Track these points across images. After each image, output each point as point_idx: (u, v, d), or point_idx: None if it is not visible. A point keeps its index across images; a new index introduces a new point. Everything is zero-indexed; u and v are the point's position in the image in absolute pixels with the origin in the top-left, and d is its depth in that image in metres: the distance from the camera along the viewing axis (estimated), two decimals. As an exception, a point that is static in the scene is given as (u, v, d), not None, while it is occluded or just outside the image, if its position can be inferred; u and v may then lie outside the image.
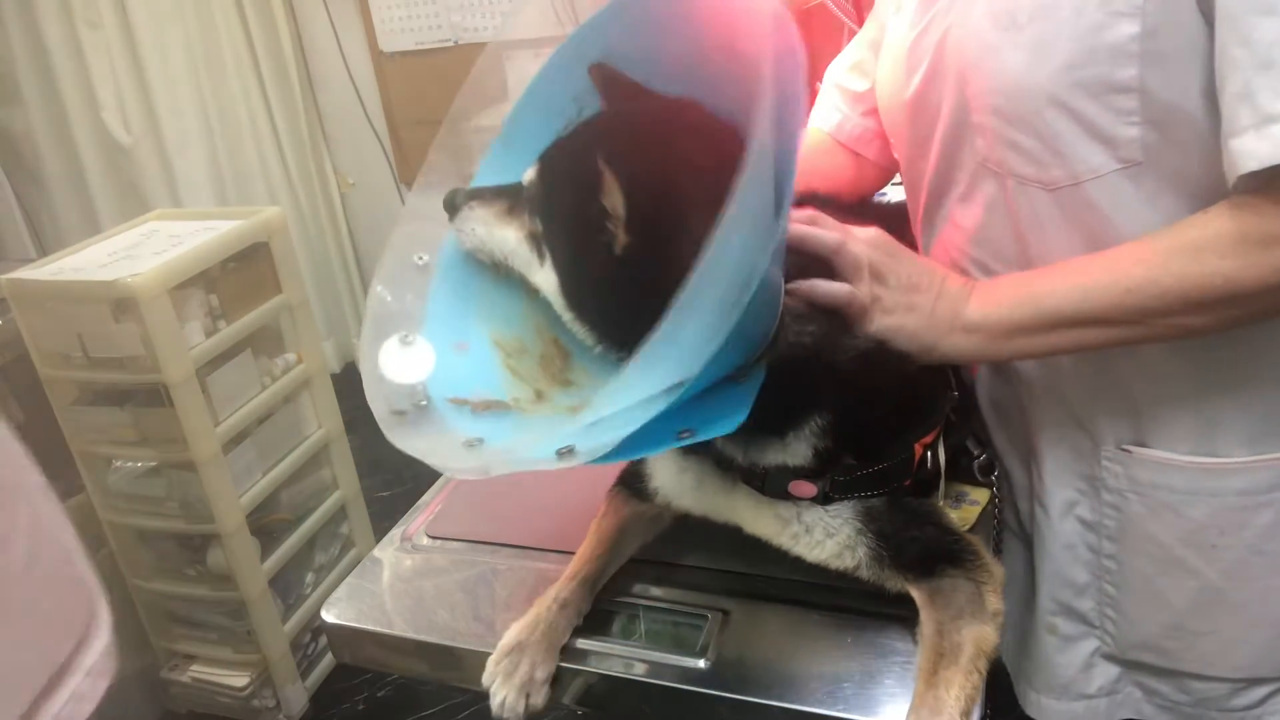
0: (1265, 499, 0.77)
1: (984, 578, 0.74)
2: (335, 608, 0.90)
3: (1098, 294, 0.69)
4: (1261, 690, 0.83)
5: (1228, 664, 0.82)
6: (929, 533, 0.76)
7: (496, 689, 0.76)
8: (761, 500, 0.78)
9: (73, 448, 1.81)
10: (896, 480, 0.76)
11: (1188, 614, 0.82)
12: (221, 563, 1.85)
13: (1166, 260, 0.66)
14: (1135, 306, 0.67)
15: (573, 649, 0.80)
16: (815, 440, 0.74)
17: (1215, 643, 0.82)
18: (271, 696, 2.01)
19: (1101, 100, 0.69)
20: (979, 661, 0.70)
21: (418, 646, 0.86)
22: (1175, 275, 0.65)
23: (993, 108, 0.75)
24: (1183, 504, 0.79)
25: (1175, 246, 0.66)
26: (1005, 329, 0.73)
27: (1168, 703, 0.87)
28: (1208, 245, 0.64)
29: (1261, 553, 0.78)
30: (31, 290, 1.69)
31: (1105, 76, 0.68)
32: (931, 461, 0.79)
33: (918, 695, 0.69)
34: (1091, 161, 0.71)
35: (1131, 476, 0.81)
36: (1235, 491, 0.77)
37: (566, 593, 0.82)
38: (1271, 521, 0.77)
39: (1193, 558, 0.80)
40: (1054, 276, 0.72)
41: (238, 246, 1.83)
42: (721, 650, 0.78)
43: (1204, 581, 0.80)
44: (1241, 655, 0.82)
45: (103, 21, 2.14)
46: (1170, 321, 0.68)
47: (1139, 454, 0.80)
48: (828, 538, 0.76)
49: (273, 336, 1.96)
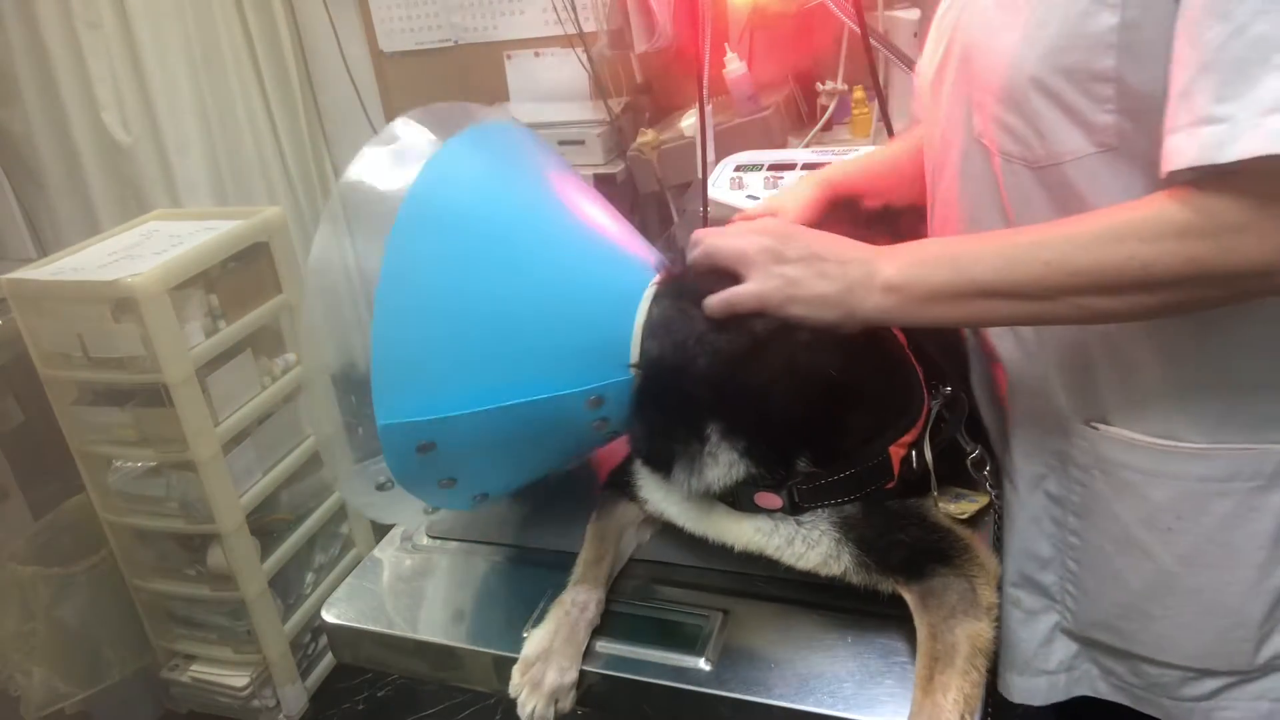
0: (1224, 488, 0.77)
1: (975, 572, 0.74)
2: (335, 608, 0.90)
3: (1018, 265, 0.69)
4: (1212, 683, 0.83)
5: (1178, 651, 0.83)
6: (914, 534, 0.76)
7: (525, 699, 0.76)
8: (742, 516, 0.79)
9: (73, 448, 1.81)
10: (873, 484, 0.76)
11: (1142, 596, 0.83)
12: (221, 563, 1.85)
13: (1090, 239, 0.66)
14: (1052, 283, 0.67)
15: (573, 649, 0.80)
16: (735, 449, 0.74)
17: (1167, 628, 0.82)
18: (271, 696, 2.01)
19: (1081, 86, 0.70)
20: (976, 660, 0.69)
21: (418, 646, 0.86)
22: (1094, 255, 0.65)
23: (988, 85, 0.77)
24: (1144, 484, 0.80)
25: (1102, 227, 0.66)
26: (924, 291, 0.72)
27: (1122, 684, 0.88)
28: (1131, 229, 0.64)
29: (1217, 542, 0.78)
30: (31, 290, 1.69)
31: (1085, 64, 0.69)
32: (918, 461, 0.79)
33: (915, 703, 0.69)
34: (1070, 144, 0.73)
35: (1098, 454, 0.82)
36: (1194, 477, 0.78)
37: (583, 596, 0.81)
38: (1229, 512, 0.77)
39: (1150, 540, 0.81)
40: (980, 243, 0.72)
41: (238, 246, 1.83)
42: (721, 650, 0.78)
43: (1160, 565, 0.81)
44: (1192, 644, 0.82)
45: (102, 22, 2.14)
46: (1083, 302, 0.68)
47: (1105, 431, 0.81)
48: (809, 549, 0.77)
49: (273, 336, 1.96)
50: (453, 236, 0.76)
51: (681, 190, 1.94)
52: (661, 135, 1.95)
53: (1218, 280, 0.63)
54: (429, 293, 0.75)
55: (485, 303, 0.75)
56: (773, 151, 1.67)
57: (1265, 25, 0.56)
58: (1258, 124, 0.57)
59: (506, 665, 0.80)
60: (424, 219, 0.76)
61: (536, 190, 0.83)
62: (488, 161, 0.83)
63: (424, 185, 0.77)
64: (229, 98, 2.38)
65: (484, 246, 0.77)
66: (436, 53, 2.39)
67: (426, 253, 0.75)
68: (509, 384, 0.75)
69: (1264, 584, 0.78)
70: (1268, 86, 0.57)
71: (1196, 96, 0.60)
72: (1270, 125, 0.57)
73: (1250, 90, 0.57)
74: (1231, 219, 0.60)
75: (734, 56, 1.84)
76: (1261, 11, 0.56)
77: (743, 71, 1.84)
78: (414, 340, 0.74)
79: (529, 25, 2.25)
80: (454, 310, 0.75)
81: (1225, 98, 0.58)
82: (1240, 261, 0.61)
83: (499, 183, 0.82)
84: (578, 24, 2.11)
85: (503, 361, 0.76)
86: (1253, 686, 0.81)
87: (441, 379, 0.75)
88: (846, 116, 1.90)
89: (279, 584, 1.99)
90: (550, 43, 2.23)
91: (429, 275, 0.75)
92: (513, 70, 2.32)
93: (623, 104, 2.14)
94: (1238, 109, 0.58)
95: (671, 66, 2.14)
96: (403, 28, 2.39)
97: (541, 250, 0.79)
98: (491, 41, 2.31)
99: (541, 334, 0.76)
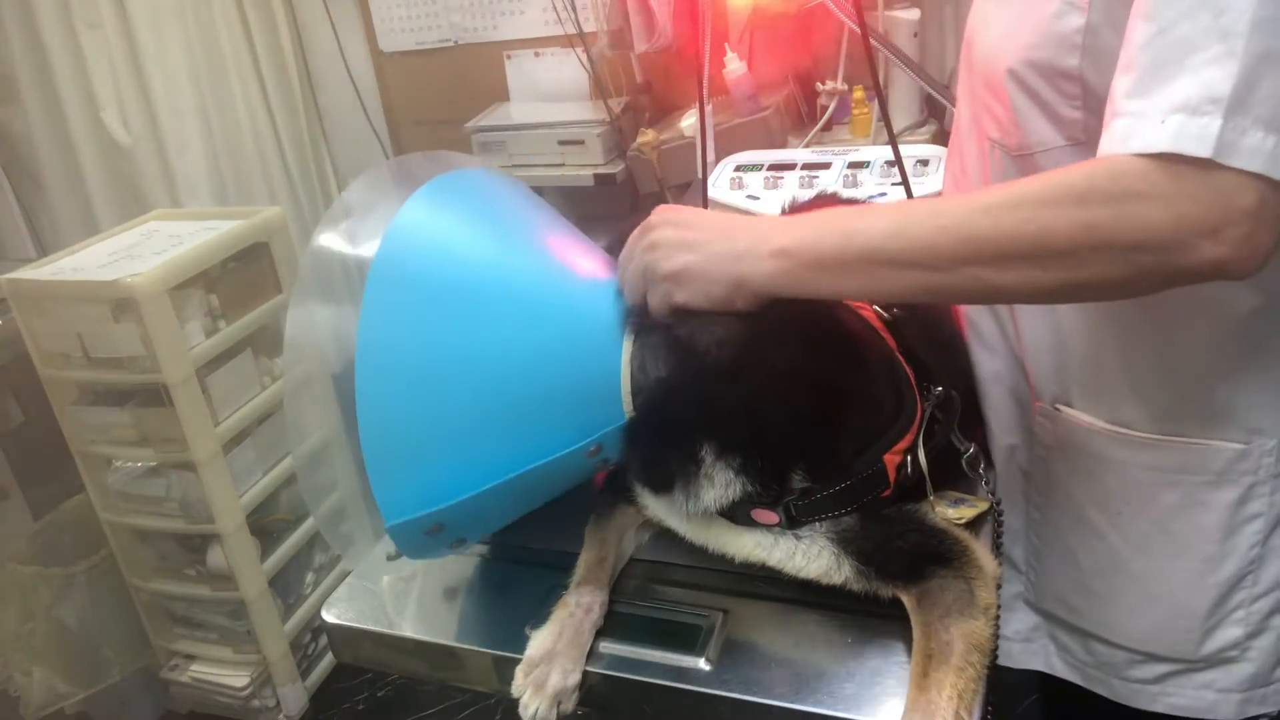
0: (1172, 479, 0.78)
1: (973, 574, 0.73)
2: (335, 608, 0.90)
3: (911, 230, 0.65)
4: (1159, 667, 0.84)
5: (1124, 633, 0.84)
6: (912, 539, 0.75)
7: (528, 700, 0.75)
8: (741, 530, 0.79)
9: (73, 448, 1.81)
10: (869, 494, 0.75)
11: (1093, 575, 0.85)
12: (221, 563, 1.85)
13: (989, 204, 0.63)
14: (945, 250, 0.64)
15: (573, 649, 0.80)
16: (731, 468, 0.74)
17: (1116, 609, 0.84)
18: (271, 696, 2.01)
19: (1051, 82, 0.71)
20: (972, 657, 0.69)
21: (418, 646, 0.86)
22: (992, 220, 0.62)
23: (980, 73, 0.79)
24: (1097, 468, 0.81)
25: (1005, 193, 0.64)
26: (813, 257, 0.69)
27: (1075, 661, 0.90)
28: (1031, 194, 0.62)
29: (1165, 531, 0.80)
30: (31, 290, 1.69)
31: (1053, 61, 0.70)
32: (913, 467, 0.78)
33: (909, 700, 0.68)
34: (1043, 135, 0.74)
35: (1058, 434, 0.84)
36: (1143, 465, 0.79)
37: (588, 597, 0.81)
38: (1176, 504, 0.78)
39: (1102, 522, 0.83)
40: (882, 210, 0.70)
41: (238, 246, 1.83)
42: (721, 650, 0.78)
43: (1109, 546, 0.83)
44: (1138, 627, 0.83)
45: (102, 22, 2.14)
46: (979, 273, 0.63)
47: (1065, 413, 0.83)
48: (809, 562, 0.76)
49: (273, 336, 1.96)
50: (423, 316, 0.72)
51: (681, 190, 1.94)
52: (661, 135, 1.95)
53: (1115, 252, 0.59)
54: (410, 377, 0.71)
55: (471, 377, 0.72)
56: (773, 151, 1.67)
57: (1186, 28, 0.57)
58: (1163, 120, 0.57)
59: (506, 665, 0.80)
60: (390, 302, 0.72)
61: (505, 243, 0.79)
62: (448, 224, 0.78)
63: (384, 266, 0.72)
64: (229, 98, 2.38)
65: (458, 320, 0.73)
66: (436, 53, 2.39)
67: (400, 337, 0.72)
68: (509, 455, 0.74)
69: (1209, 578, 0.79)
70: (1179, 86, 0.57)
71: (1116, 90, 0.61)
72: (1173, 124, 0.56)
73: (1162, 88, 0.58)
74: (1135, 186, 0.58)
75: (734, 56, 1.84)
76: (1185, 15, 0.57)
77: (743, 71, 1.84)
78: (404, 430, 0.71)
79: (529, 25, 2.25)
80: (440, 390, 0.71)
81: (1137, 94, 0.59)
82: (1138, 231, 0.58)
83: (464, 246, 0.77)
84: (578, 24, 2.11)
85: (499, 434, 0.73)
86: (1199, 676, 0.83)
87: (439, 465, 0.72)
88: (846, 116, 1.90)
89: (279, 584, 1.99)
90: (550, 43, 2.23)
91: (407, 358, 0.71)
92: (513, 70, 2.32)
93: (623, 104, 2.15)
94: (1147, 105, 0.58)
95: (671, 66, 2.14)
96: (403, 28, 2.39)
97: (518, 311, 0.74)
98: (491, 41, 2.31)
99: (532, 398, 0.74)
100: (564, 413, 0.74)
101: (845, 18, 1.71)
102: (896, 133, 1.60)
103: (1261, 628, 0.80)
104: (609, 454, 0.78)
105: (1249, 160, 0.55)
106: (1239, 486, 0.77)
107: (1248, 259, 0.57)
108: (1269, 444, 0.75)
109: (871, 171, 1.44)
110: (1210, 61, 0.56)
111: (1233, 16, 0.55)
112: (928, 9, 1.84)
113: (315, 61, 2.57)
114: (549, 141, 2.10)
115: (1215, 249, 0.56)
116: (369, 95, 2.53)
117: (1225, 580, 0.79)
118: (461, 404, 0.72)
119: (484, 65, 2.33)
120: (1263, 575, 0.79)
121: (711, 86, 1.68)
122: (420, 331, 0.72)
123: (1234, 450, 0.76)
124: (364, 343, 0.70)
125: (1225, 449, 0.76)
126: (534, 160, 2.13)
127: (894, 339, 0.84)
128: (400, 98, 2.52)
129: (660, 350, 0.75)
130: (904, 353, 0.83)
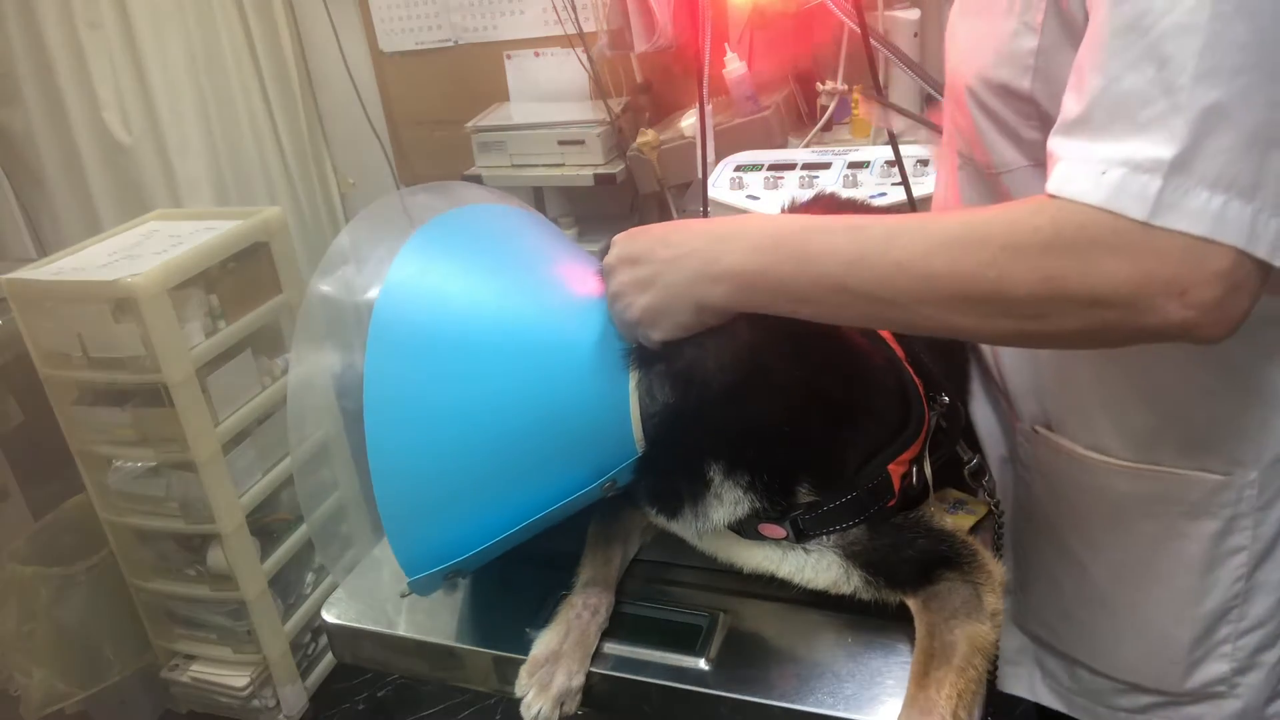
0: (1150, 509, 0.76)
1: (981, 578, 0.73)
2: (335, 608, 0.90)
3: (870, 260, 0.61)
4: (1143, 698, 0.82)
5: (1109, 662, 0.83)
6: (920, 546, 0.75)
7: (531, 700, 0.75)
8: (750, 543, 0.78)
9: (73, 448, 1.81)
10: (874, 505, 0.75)
11: (1075, 603, 0.83)
12: (221, 563, 1.85)
13: (949, 241, 0.59)
14: (902, 287, 0.60)
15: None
16: (739, 486, 0.73)
17: (1099, 639, 0.83)
18: (271, 696, 2.01)
19: (1006, 102, 0.71)
20: (974, 659, 0.69)
21: (418, 646, 0.86)
22: (950, 259, 0.58)
23: (950, 86, 0.79)
24: (1075, 494, 0.80)
25: (965, 227, 0.59)
26: (768, 282, 0.66)
27: (1059, 687, 0.89)
28: (995, 233, 0.58)
29: (1145, 562, 0.78)
30: (31, 290, 1.69)
31: (1009, 81, 0.70)
32: (918, 477, 0.78)
33: (908, 696, 0.68)
34: (1005, 155, 0.74)
35: (1038, 456, 0.83)
36: (1122, 494, 0.77)
37: (594, 599, 0.81)
38: (1156, 534, 0.76)
39: (1081, 550, 0.81)
40: (841, 231, 0.64)
41: (238, 246, 1.83)
42: (721, 650, 0.78)
43: (1091, 577, 0.81)
44: (1122, 657, 0.82)
45: (103, 21, 2.14)
46: (934, 314, 0.60)
47: (1045, 437, 0.81)
48: (818, 574, 0.77)
49: (273, 336, 1.96)
50: (427, 376, 0.71)
51: (681, 190, 1.94)
52: (661, 135, 1.95)
53: (1076, 306, 0.56)
54: (420, 438, 0.70)
55: (481, 433, 0.71)
56: (773, 151, 1.67)
57: (1132, 80, 0.55)
58: (1104, 172, 0.54)
59: (506, 665, 0.80)
60: (392, 367, 0.70)
61: (504, 291, 0.76)
62: (443, 278, 0.76)
63: (383, 330, 0.71)
64: (229, 98, 2.38)
65: (464, 379, 0.71)
66: (436, 53, 2.39)
67: (406, 398, 0.70)
68: (526, 503, 0.73)
69: (1191, 610, 0.77)
70: (1124, 139, 0.54)
71: (1061, 129, 0.59)
72: (1114, 177, 0.54)
73: (1106, 139, 0.55)
74: (1101, 237, 0.55)
75: (734, 56, 1.84)
76: (1131, 66, 0.55)
77: (743, 71, 1.84)
78: (418, 490, 0.71)
79: (529, 25, 2.26)
80: (451, 447, 0.70)
81: (1082, 138, 0.57)
82: (1101, 285, 0.54)
83: (462, 300, 0.74)
84: (578, 24, 2.11)
85: (515, 485, 0.73)
86: (1186, 710, 0.81)
87: (457, 518, 0.72)
88: (846, 116, 1.90)
89: (279, 584, 1.98)
90: (550, 43, 2.23)
91: (416, 417, 0.70)
92: (513, 70, 2.32)
93: (623, 104, 2.15)
94: (1090, 151, 0.56)
95: (671, 66, 2.14)
96: (403, 28, 2.39)
97: (524, 361, 0.72)
98: (491, 41, 2.31)
99: (545, 446, 0.73)
100: (577, 455, 0.73)
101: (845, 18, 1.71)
102: (897, 133, 1.60)
103: (1250, 664, 0.78)
104: (621, 483, 0.78)
105: (1193, 222, 0.52)
106: (1219, 519, 0.74)
107: (1217, 324, 0.53)
108: (1250, 475, 0.73)
109: (871, 171, 1.44)
110: (1155, 118, 0.53)
111: (1175, 69, 0.53)
112: (928, 9, 1.84)
113: (315, 61, 2.57)
114: (549, 141, 2.10)
115: (1182, 311, 0.53)
116: (369, 95, 2.53)
117: (1208, 614, 0.77)
118: (474, 459, 0.71)
119: (484, 65, 2.33)
120: (1249, 610, 0.76)
121: (711, 86, 1.68)
122: (426, 392, 0.71)
123: (1214, 481, 0.74)
124: (371, 404, 0.69)
125: (1205, 479, 0.74)
126: (534, 160, 2.13)
127: (901, 347, 0.83)
128: (400, 98, 2.52)
129: (664, 381, 0.74)
130: (910, 360, 0.82)
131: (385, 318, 0.71)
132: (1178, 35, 0.53)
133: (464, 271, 0.77)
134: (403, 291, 0.73)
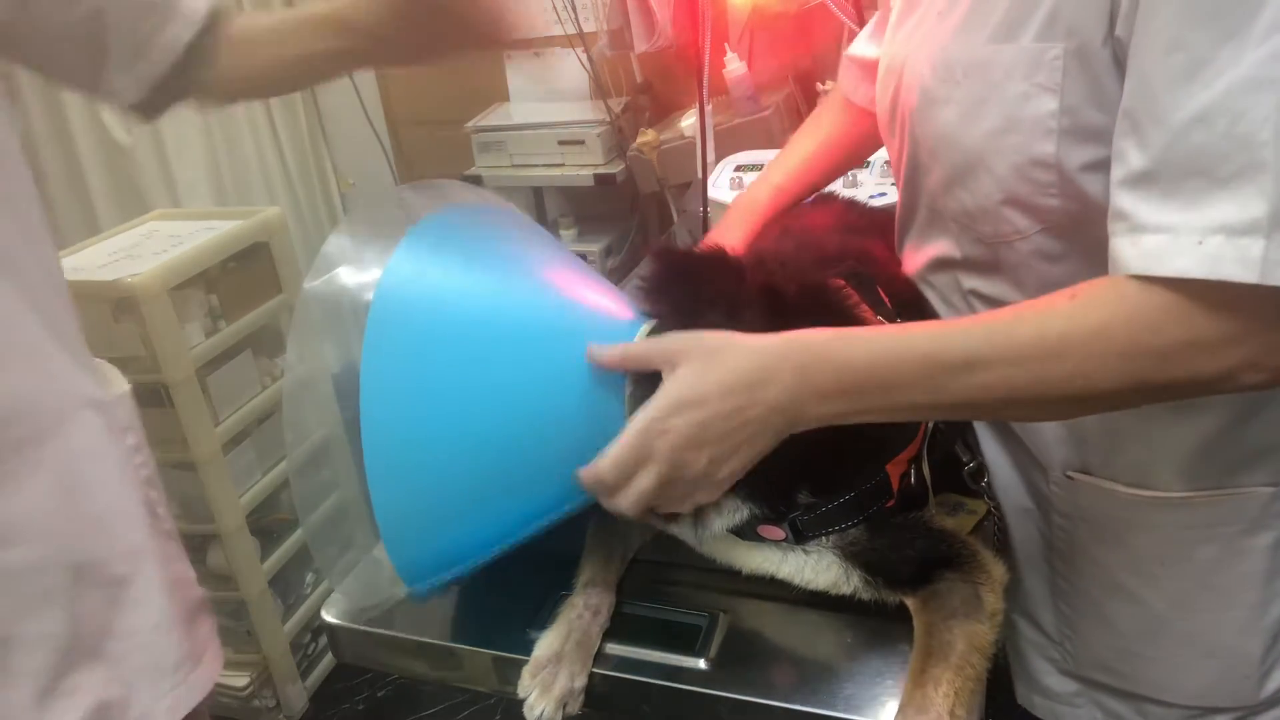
0: (1207, 534, 0.75)
1: (981, 578, 0.73)
2: (335, 607, 0.90)
3: (951, 389, 0.62)
4: (1220, 718, 0.81)
5: (1180, 691, 0.81)
6: (920, 545, 0.75)
7: (534, 701, 0.75)
8: (750, 545, 0.78)
9: (73, 448, 1.81)
10: (873, 505, 0.75)
11: (1135, 639, 0.81)
12: (221, 563, 1.85)
13: (1027, 356, 0.60)
14: (987, 404, 0.63)
15: (573, 649, 0.80)
16: (739, 494, 0.73)
17: (1165, 669, 0.81)
18: (271, 696, 2.01)
19: (1022, 171, 0.68)
20: (972, 658, 0.69)
21: (418, 646, 0.86)
22: (1034, 374, 0.59)
23: (933, 152, 0.75)
24: (1126, 533, 0.78)
25: (1039, 340, 0.59)
26: (858, 413, 0.65)
27: None
28: (1073, 346, 0.58)
29: (1207, 586, 0.77)
30: (31, 290, 1.69)
31: (1026, 147, 0.67)
32: (916, 478, 0.78)
33: (906, 694, 0.68)
34: (1017, 223, 0.71)
35: (1077, 503, 0.80)
36: (1174, 525, 0.76)
37: (595, 599, 0.81)
38: (1215, 557, 0.76)
39: (1137, 585, 0.79)
40: (907, 360, 0.63)
41: (237, 246, 1.83)
42: (721, 650, 0.78)
43: (1150, 610, 0.79)
44: (1193, 684, 0.81)
45: (103, 21, 2.14)
46: (1019, 414, 0.71)
47: (1081, 480, 0.79)
48: (818, 575, 0.76)
49: (273, 336, 1.96)
50: (428, 381, 0.70)
51: (681, 190, 1.94)
52: (661, 135, 1.95)
53: (1161, 392, 0.59)
54: (421, 443, 0.69)
55: (479, 446, 0.70)
56: (773, 151, 1.66)
57: (1202, 135, 0.53)
58: (1200, 243, 0.54)
59: (506, 665, 0.80)
60: (388, 381, 0.69)
61: (499, 296, 0.75)
62: (435, 284, 0.74)
63: (376, 342, 0.69)
64: (229, 98, 2.37)
65: (460, 392, 0.70)
66: (436, 53, 2.39)
67: (404, 400, 0.69)
68: (529, 509, 0.73)
69: (1259, 622, 0.77)
70: (1211, 204, 0.54)
71: (1140, 199, 0.57)
72: (1211, 246, 0.53)
73: (1192, 206, 0.54)
74: (1178, 335, 0.56)
75: (734, 56, 1.84)
76: (1198, 120, 0.53)
77: (743, 71, 1.84)
78: (417, 504, 0.70)
79: (529, 25, 2.25)
80: (450, 461, 0.70)
81: (1167, 208, 0.55)
82: (1185, 376, 0.57)
83: (456, 307, 0.73)
84: (578, 24, 2.11)
85: (513, 496, 0.73)
86: (1261, 718, 0.80)
87: (459, 527, 0.72)
88: (846, 116, 1.90)
89: (279, 584, 1.99)
90: (550, 43, 2.23)
91: (416, 425, 0.69)
92: (513, 70, 2.32)
93: (623, 104, 2.15)
94: (1180, 221, 0.55)
95: (671, 66, 2.14)
96: (403, 28, 2.39)
97: (520, 372, 0.72)
98: (491, 41, 2.31)
99: (542, 457, 0.72)
100: (576, 463, 0.72)
101: (845, 18, 1.71)
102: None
103: None
104: None
105: None
106: (1275, 529, 0.74)
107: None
108: None
109: (871, 171, 1.44)
110: (1237, 174, 0.52)
111: (1251, 124, 0.52)
112: (928, 9, 1.84)
113: (315, 61, 2.56)
114: (549, 141, 2.10)
115: (1255, 376, 0.57)
116: (369, 95, 2.53)
117: (1276, 621, 0.77)
118: (473, 473, 0.71)
119: (484, 65, 2.33)
120: None
121: (711, 86, 1.68)
122: (423, 401, 0.70)
123: (1266, 494, 0.73)
124: (368, 408, 0.68)
125: (1258, 494, 0.73)
126: (534, 160, 2.13)
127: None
128: (400, 98, 2.52)
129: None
130: None
131: (381, 318, 0.71)
132: (1249, 91, 0.52)
133: (458, 280, 0.76)
134: (397, 299, 0.72)
